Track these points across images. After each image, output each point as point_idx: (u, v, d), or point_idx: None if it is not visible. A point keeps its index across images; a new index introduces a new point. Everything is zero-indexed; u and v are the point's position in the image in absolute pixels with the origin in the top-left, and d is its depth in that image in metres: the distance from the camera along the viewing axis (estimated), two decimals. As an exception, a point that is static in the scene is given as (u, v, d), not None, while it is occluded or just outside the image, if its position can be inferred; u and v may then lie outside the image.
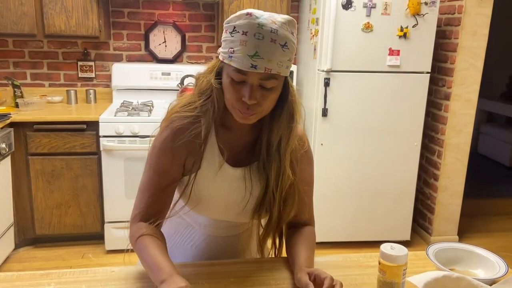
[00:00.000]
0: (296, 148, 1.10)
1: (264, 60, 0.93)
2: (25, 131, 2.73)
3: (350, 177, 2.96)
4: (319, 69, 2.83)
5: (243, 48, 0.94)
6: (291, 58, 0.99)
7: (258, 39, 0.93)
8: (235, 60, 0.95)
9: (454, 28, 2.94)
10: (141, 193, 1.09)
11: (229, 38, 0.97)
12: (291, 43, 0.97)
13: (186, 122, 1.05)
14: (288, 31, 0.97)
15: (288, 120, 1.05)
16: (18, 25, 2.82)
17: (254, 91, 0.96)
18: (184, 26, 3.35)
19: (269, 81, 0.96)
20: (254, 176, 1.10)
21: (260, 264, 1.12)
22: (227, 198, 1.11)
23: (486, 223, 3.60)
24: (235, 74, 0.96)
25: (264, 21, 0.95)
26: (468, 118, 3.03)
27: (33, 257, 2.84)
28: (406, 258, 0.94)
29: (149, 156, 1.09)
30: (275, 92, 1.00)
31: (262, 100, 0.98)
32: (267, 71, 0.94)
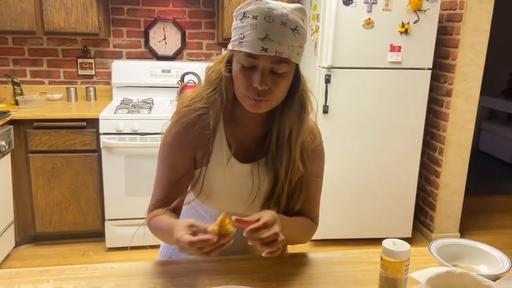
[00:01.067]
0: (307, 141, 1.09)
1: (275, 43, 0.93)
2: (25, 129, 2.73)
3: (351, 174, 2.95)
4: (320, 65, 2.81)
5: (254, 32, 0.94)
6: (302, 44, 0.99)
7: (269, 22, 0.93)
8: (245, 45, 0.95)
9: (455, 24, 2.92)
10: (155, 187, 1.13)
11: (239, 25, 0.98)
12: (301, 29, 0.97)
13: (194, 116, 1.06)
14: (298, 17, 0.97)
15: (299, 110, 1.04)
16: (17, 22, 2.80)
17: (265, 75, 0.95)
18: (184, 23, 3.34)
19: (280, 65, 0.96)
20: (262, 171, 1.09)
21: (261, 260, 1.10)
22: (235, 192, 1.11)
23: (487, 220, 3.59)
24: (245, 59, 0.96)
25: (274, 6, 0.95)
26: (469, 115, 3.02)
27: (33, 255, 2.84)
28: (409, 254, 0.93)
29: (160, 150, 1.12)
30: (286, 79, 0.99)
31: (273, 87, 0.97)
32: (278, 54, 0.94)
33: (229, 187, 1.10)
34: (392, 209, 3.04)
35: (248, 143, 1.10)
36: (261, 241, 0.91)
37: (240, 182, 1.10)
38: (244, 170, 1.09)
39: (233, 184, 1.10)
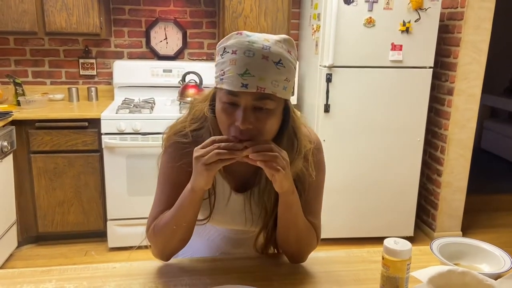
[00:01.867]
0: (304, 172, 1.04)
1: (256, 78, 0.88)
2: (27, 129, 2.73)
3: (352, 173, 2.94)
4: (321, 64, 2.81)
5: (233, 68, 0.89)
6: (289, 78, 0.92)
7: (249, 56, 0.88)
8: (225, 82, 0.90)
9: (457, 22, 2.92)
10: (155, 203, 1.09)
11: (220, 61, 0.93)
12: (287, 61, 0.91)
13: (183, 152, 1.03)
14: (283, 48, 0.91)
15: (288, 149, 0.97)
16: (18, 22, 2.81)
17: (247, 114, 0.89)
18: (185, 22, 3.34)
19: (264, 102, 0.90)
20: (254, 202, 1.07)
21: (262, 259, 1.11)
22: (232, 219, 1.10)
23: (489, 218, 3.58)
24: (226, 97, 0.91)
25: (255, 39, 0.90)
26: (471, 113, 3.01)
27: (36, 255, 2.84)
28: (410, 253, 0.93)
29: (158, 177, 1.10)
30: (273, 117, 0.93)
31: (259, 124, 0.91)
32: (259, 90, 0.88)
33: (226, 215, 1.10)
34: (394, 208, 3.04)
35: (242, 173, 1.07)
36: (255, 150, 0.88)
37: (236, 212, 1.09)
38: (238, 200, 1.08)
39: (230, 212, 1.09)
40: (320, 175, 1.11)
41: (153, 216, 1.07)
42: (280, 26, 3.03)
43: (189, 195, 0.96)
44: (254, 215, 1.08)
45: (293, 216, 1.01)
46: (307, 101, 3.13)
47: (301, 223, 1.03)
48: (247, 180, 1.08)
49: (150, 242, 1.07)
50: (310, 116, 3.00)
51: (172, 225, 1.00)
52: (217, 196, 1.08)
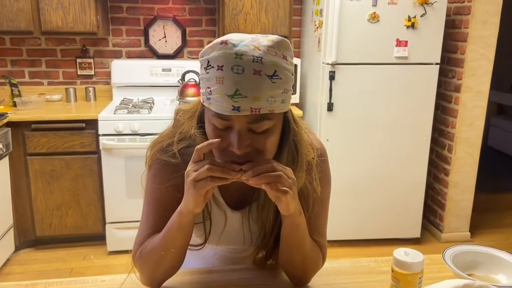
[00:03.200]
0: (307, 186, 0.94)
1: (248, 99, 0.75)
2: (23, 131, 2.67)
3: (357, 174, 2.87)
4: (324, 62, 2.74)
5: (220, 87, 0.76)
6: (288, 88, 0.81)
7: (237, 73, 0.75)
8: (213, 103, 0.78)
9: (464, 17, 2.83)
10: (142, 224, 0.99)
11: (204, 76, 0.80)
12: (283, 71, 0.78)
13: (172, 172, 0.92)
14: (277, 55, 0.78)
15: (288, 164, 0.87)
16: (14, 22, 2.75)
17: (242, 137, 0.78)
18: (184, 20, 3.26)
19: (261, 123, 0.79)
20: (252, 219, 0.98)
21: (260, 271, 1.03)
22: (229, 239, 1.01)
23: (497, 218, 3.50)
24: (216, 120, 0.79)
25: (244, 49, 0.76)
26: (479, 111, 2.92)
27: (33, 259, 2.79)
28: (422, 265, 0.85)
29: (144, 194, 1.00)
30: (273, 134, 0.82)
31: (258, 145, 0.80)
32: (254, 112, 0.76)
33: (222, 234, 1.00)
34: (400, 208, 2.96)
35: (238, 187, 0.92)
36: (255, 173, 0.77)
37: (233, 229, 0.99)
38: (235, 218, 0.98)
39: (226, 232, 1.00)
40: (326, 189, 1.01)
41: (140, 241, 0.96)
42: (281, 23, 2.95)
43: (177, 218, 0.86)
44: (252, 234, 0.98)
45: (299, 238, 0.90)
46: (310, 100, 3.05)
47: (307, 244, 0.93)
48: (244, 196, 0.98)
49: (137, 269, 0.96)
50: (313, 115, 2.92)
51: (159, 251, 0.90)
52: (213, 215, 0.98)
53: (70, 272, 2.64)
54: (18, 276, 2.59)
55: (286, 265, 0.98)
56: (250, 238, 0.99)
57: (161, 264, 0.92)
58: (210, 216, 0.97)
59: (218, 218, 0.99)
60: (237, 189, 0.96)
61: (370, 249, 2.93)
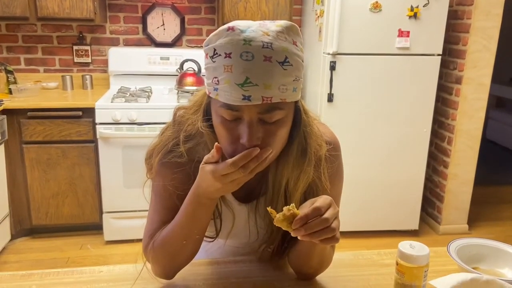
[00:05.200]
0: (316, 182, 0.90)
1: (259, 88, 0.71)
2: (18, 119, 2.63)
3: (356, 165, 2.85)
4: (325, 52, 2.70)
5: (229, 76, 0.72)
6: (299, 76, 0.77)
7: (247, 60, 0.71)
8: (221, 94, 0.74)
9: (466, 8, 2.79)
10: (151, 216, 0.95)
11: (210, 65, 0.76)
12: (294, 57, 0.75)
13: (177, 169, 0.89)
14: (287, 41, 0.75)
15: (298, 157, 0.84)
16: (9, 7, 2.69)
17: (253, 129, 0.74)
18: (183, 8, 3.21)
19: (272, 114, 0.75)
20: (259, 213, 0.94)
21: (262, 263, 1.02)
22: (234, 232, 0.97)
23: (496, 211, 3.50)
24: (225, 111, 0.75)
25: (252, 34, 0.73)
26: (480, 103, 2.90)
27: (30, 248, 2.76)
28: (428, 259, 0.84)
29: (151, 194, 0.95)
30: (284, 126, 0.78)
31: (268, 138, 0.76)
32: (266, 101, 0.73)
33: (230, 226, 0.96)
34: (399, 200, 2.95)
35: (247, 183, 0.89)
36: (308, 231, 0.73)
37: (241, 222, 0.96)
38: (242, 210, 0.95)
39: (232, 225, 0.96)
40: (338, 186, 0.97)
41: (150, 233, 0.92)
42: (281, 12, 2.90)
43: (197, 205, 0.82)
44: (259, 229, 0.95)
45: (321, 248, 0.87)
46: (310, 90, 3.02)
47: (327, 251, 0.91)
48: (251, 190, 0.94)
49: (151, 260, 0.92)
50: (313, 105, 2.89)
51: (180, 240, 0.86)
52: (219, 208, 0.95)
53: (66, 262, 2.62)
54: (14, 265, 2.57)
55: (301, 267, 0.94)
56: (257, 233, 0.96)
57: (182, 252, 0.89)
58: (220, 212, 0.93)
59: (226, 211, 0.95)
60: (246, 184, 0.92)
61: (368, 241, 2.93)
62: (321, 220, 0.72)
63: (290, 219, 0.74)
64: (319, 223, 0.72)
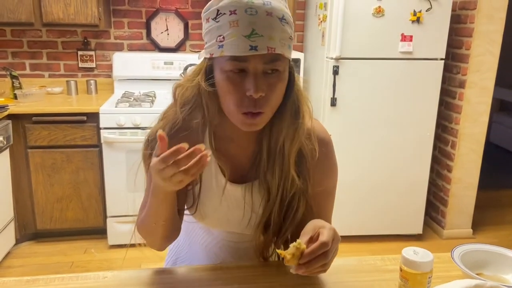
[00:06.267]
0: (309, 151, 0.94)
1: (265, 38, 0.78)
2: (23, 124, 2.65)
3: (359, 169, 2.85)
4: (328, 56, 2.71)
5: (236, 30, 0.78)
6: (292, 36, 0.84)
7: (252, 15, 0.78)
8: (228, 48, 0.79)
9: (469, 12, 2.80)
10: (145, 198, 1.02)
11: (214, 26, 0.82)
12: (288, 17, 0.83)
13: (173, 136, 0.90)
14: (281, 4, 0.83)
15: (292, 116, 0.89)
16: (14, 13, 2.72)
17: (259, 80, 0.80)
18: (186, 13, 3.23)
19: (274, 64, 0.81)
20: (255, 192, 0.96)
21: (265, 268, 1.02)
22: (227, 215, 0.99)
23: (500, 215, 3.48)
24: (231, 64, 0.80)
25: None
26: (483, 107, 2.90)
27: (34, 252, 2.78)
28: (432, 265, 0.84)
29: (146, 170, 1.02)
30: (283, 81, 0.84)
31: (269, 92, 0.81)
32: (270, 51, 0.78)
33: (221, 209, 0.98)
34: (403, 204, 2.95)
35: (241, 161, 0.96)
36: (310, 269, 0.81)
37: (233, 205, 0.98)
38: (236, 192, 0.97)
39: (225, 207, 0.98)
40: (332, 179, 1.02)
41: (141, 209, 1.02)
42: (285, 16, 2.91)
43: (155, 197, 0.87)
44: (254, 206, 0.97)
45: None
46: (313, 95, 3.03)
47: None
48: (245, 173, 0.97)
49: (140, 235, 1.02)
50: (316, 110, 2.89)
51: (151, 223, 0.94)
52: (211, 190, 0.97)
53: (70, 266, 2.63)
54: (19, 269, 2.58)
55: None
56: (250, 211, 0.97)
57: (155, 233, 0.97)
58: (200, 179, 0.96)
59: (217, 193, 0.97)
60: (237, 166, 0.96)
61: (372, 245, 2.92)
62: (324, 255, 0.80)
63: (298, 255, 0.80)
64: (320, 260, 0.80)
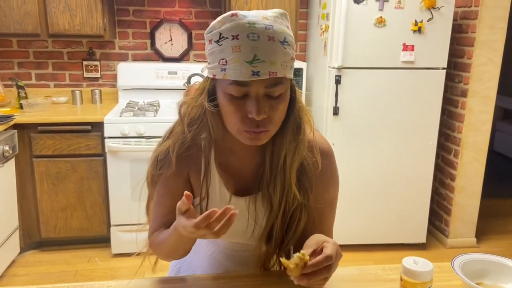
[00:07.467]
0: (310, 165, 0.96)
1: (266, 64, 0.80)
2: (29, 133, 2.68)
3: (362, 178, 2.85)
4: (330, 66, 2.73)
5: (238, 55, 0.80)
6: (293, 56, 0.86)
7: (254, 40, 0.79)
8: (230, 72, 0.81)
9: (471, 21, 2.82)
10: (155, 210, 1.05)
11: (216, 48, 0.83)
12: (290, 38, 0.85)
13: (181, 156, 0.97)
14: (283, 25, 0.85)
15: (294, 132, 0.91)
16: (21, 24, 2.76)
17: (261, 103, 0.82)
18: (190, 23, 3.27)
19: (276, 88, 0.82)
20: (259, 205, 0.98)
21: (267, 277, 1.03)
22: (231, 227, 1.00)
23: (503, 224, 3.47)
24: (234, 88, 0.82)
25: (254, 19, 0.82)
26: (486, 116, 2.91)
27: (38, 261, 2.79)
28: (432, 274, 0.85)
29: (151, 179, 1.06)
30: (284, 101, 0.86)
31: (272, 113, 0.84)
32: (272, 76, 0.80)
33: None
34: (406, 213, 2.94)
35: (244, 174, 0.98)
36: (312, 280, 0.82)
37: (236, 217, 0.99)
38: (240, 204, 0.98)
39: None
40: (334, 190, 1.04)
41: (153, 229, 1.05)
42: (287, 27, 2.94)
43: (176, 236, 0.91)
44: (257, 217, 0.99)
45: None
46: (315, 104, 3.05)
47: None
48: (248, 185, 0.99)
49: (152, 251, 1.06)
50: (319, 119, 2.91)
51: (169, 250, 1.01)
52: (215, 203, 0.99)
53: (74, 275, 2.64)
54: (23, 278, 2.60)
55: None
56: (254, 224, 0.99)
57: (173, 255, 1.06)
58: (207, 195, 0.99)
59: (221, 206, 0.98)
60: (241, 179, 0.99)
61: (375, 254, 2.92)
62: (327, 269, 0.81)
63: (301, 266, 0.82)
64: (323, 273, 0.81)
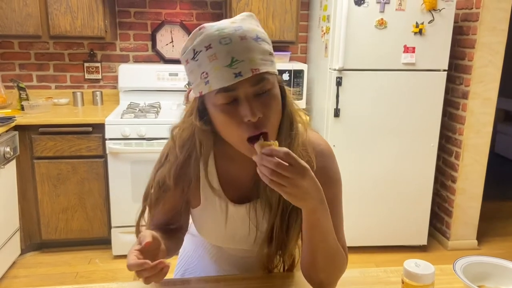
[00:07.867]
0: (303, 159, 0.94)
1: (246, 62, 0.79)
2: (30, 134, 2.68)
3: (363, 180, 2.85)
4: (331, 67, 2.73)
5: (216, 63, 0.79)
6: (272, 51, 0.86)
7: (227, 44, 0.79)
8: (214, 82, 0.80)
9: (472, 23, 2.82)
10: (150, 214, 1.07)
11: (194, 65, 0.83)
12: (262, 35, 0.84)
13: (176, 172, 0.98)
14: (252, 24, 0.86)
15: (288, 128, 0.90)
16: (23, 26, 2.76)
17: (252, 103, 0.80)
18: (191, 25, 3.27)
19: (263, 83, 0.82)
20: (259, 211, 0.98)
21: (270, 280, 1.03)
22: (233, 234, 1.01)
23: (505, 226, 3.46)
24: (222, 96, 0.81)
25: (222, 25, 0.82)
26: (487, 118, 2.90)
27: (39, 262, 2.79)
28: (433, 277, 0.84)
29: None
30: (275, 98, 0.85)
31: (266, 110, 0.82)
32: (255, 72, 0.79)
33: (227, 230, 1.00)
34: (407, 215, 2.94)
35: (243, 181, 0.98)
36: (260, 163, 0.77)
37: (238, 224, 0.99)
38: (240, 212, 0.98)
39: (231, 227, 1.00)
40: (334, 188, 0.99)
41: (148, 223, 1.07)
42: (288, 28, 2.95)
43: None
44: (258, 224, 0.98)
45: (319, 236, 0.87)
46: (316, 106, 3.05)
47: (330, 242, 0.89)
48: (248, 192, 0.98)
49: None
50: (320, 121, 2.91)
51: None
52: (215, 213, 0.99)
53: (75, 276, 2.64)
54: (24, 280, 2.60)
55: (309, 269, 0.93)
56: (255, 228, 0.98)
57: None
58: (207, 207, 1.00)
59: (220, 215, 0.99)
60: (239, 187, 0.98)
61: (376, 256, 2.91)
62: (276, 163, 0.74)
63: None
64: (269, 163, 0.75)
